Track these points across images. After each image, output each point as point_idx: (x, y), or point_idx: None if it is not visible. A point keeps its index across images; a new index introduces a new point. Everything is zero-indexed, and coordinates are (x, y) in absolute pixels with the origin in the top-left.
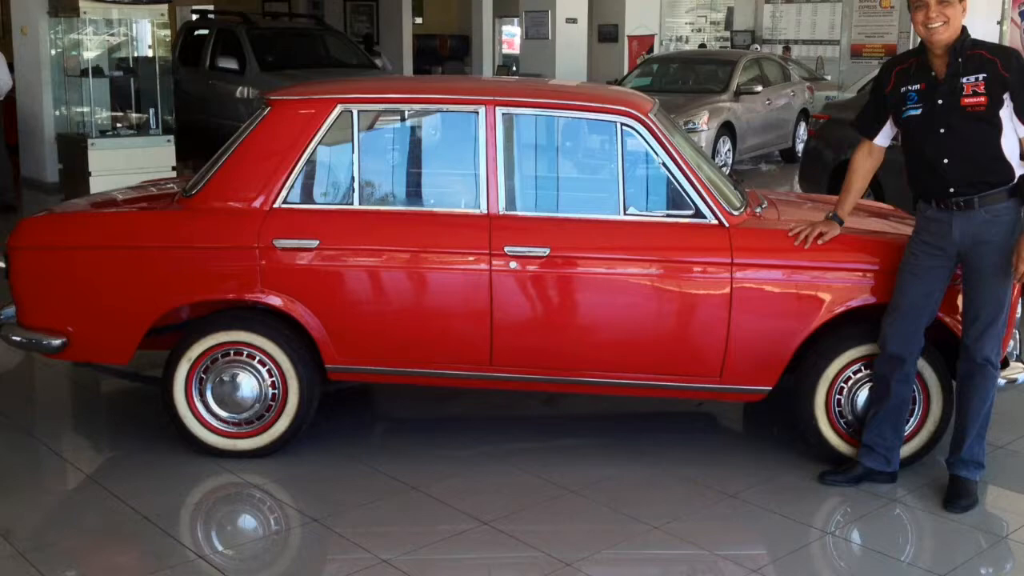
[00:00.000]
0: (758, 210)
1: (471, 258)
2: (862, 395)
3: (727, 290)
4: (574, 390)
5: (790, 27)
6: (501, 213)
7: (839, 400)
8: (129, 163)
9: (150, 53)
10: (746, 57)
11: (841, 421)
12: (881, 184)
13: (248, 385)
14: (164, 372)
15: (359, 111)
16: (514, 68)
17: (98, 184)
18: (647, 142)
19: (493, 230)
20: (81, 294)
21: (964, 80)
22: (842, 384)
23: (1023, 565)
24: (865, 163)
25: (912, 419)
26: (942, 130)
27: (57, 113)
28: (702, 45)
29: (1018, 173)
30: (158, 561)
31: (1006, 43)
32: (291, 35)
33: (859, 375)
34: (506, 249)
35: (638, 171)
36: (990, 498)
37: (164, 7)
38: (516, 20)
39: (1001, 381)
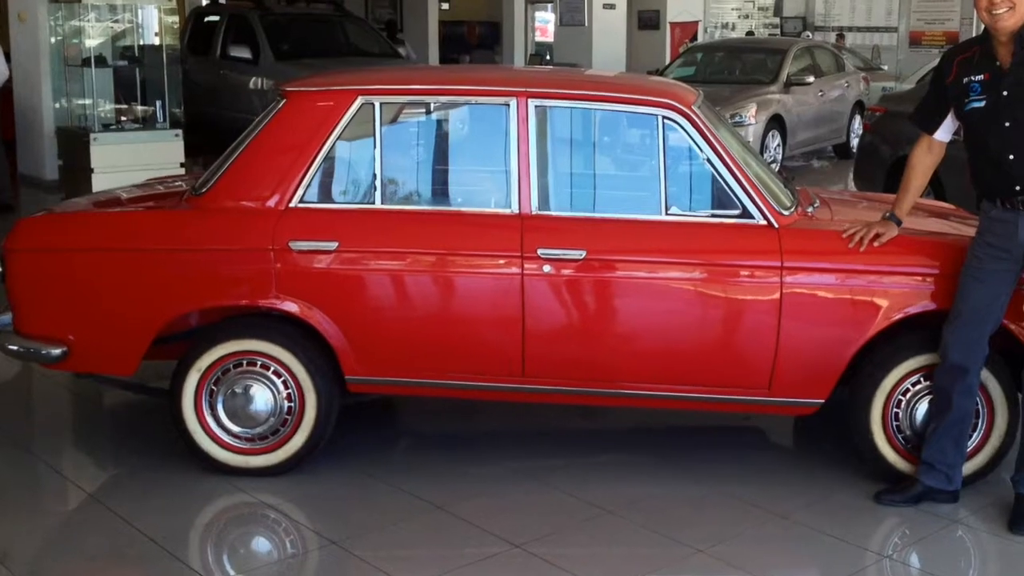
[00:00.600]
0: (810, 210)
1: (501, 261)
2: (921, 408)
3: (776, 295)
4: (612, 403)
5: (844, 13)
6: (534, 213)
7: (897, 414)
8: (134, 159)
9: (157, 41)
10: (797, 45)
11: (899, 436)
12: (942, 182)
13: (262, 398)
14: (172, 384)
15: (381, 103)
16: (548, 57)
17: (101, 182)
18: (690, 136)
19: (525, 231)
20: (82, 300)
21: None
22: (900, 396)
23: None
24: (924, 159)
25: (975, 434)
26: (1007, 123)
27: (57, 106)
28: (749, 32)
29: None
30: None
31: None
32: (308, 22)
33: (918, 387)
34: (539, 251)
35: (681, 168)
36: None
37: None
38: (550, 6)
39: None
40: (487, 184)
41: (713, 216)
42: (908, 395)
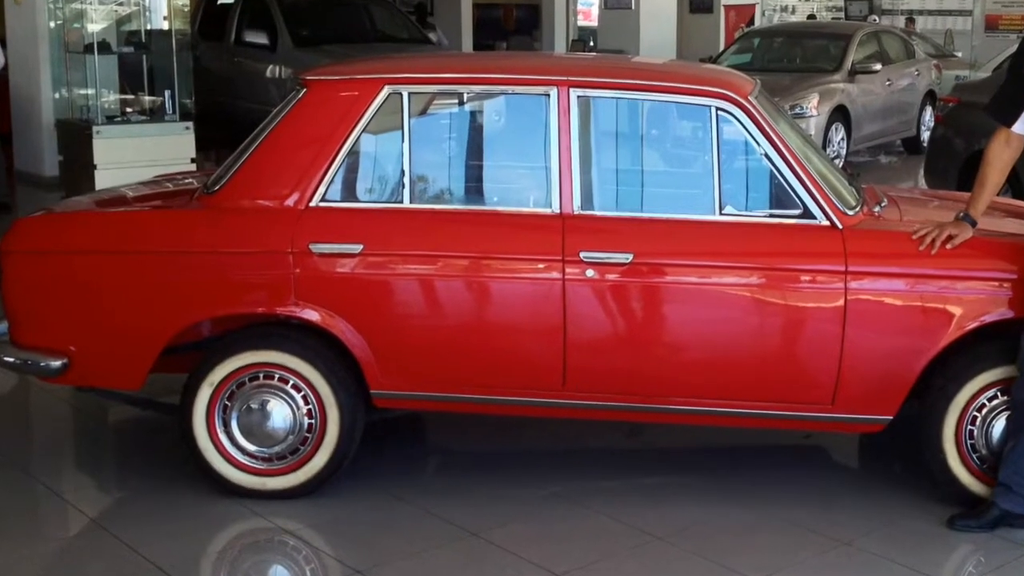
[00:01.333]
0: (876, 209)
1: (541, 265)
2: (998, 425)
3: (840, 302)
4: (660, 419)
5: None
6: (576, 213)
7: (971, 431)
8: (140, 154)
9: (165, 25)
10: (863, 30)
11: (974, 456)
12: (1020, 179)
13: (280, 414)
14: (182, 399)
15: (410, 93)
16: (591, 43)
17: (104, 179)
18: (747, 129)
19: (566, 232)
20: (85, 307)
21: None
22: (975, 412)
23: None
24: (1002, 155)
25: None
26: None
27: (56, 96)
28: (811, 16)
29: None
30: None
31: None
32: (330, 5)
33: (995, 402)
34: (582, 255)
35: (736, 163)
36: None
37: None
38: None
39: None
40: (525, 181)
41: (771, 216)
42: (984, 411)
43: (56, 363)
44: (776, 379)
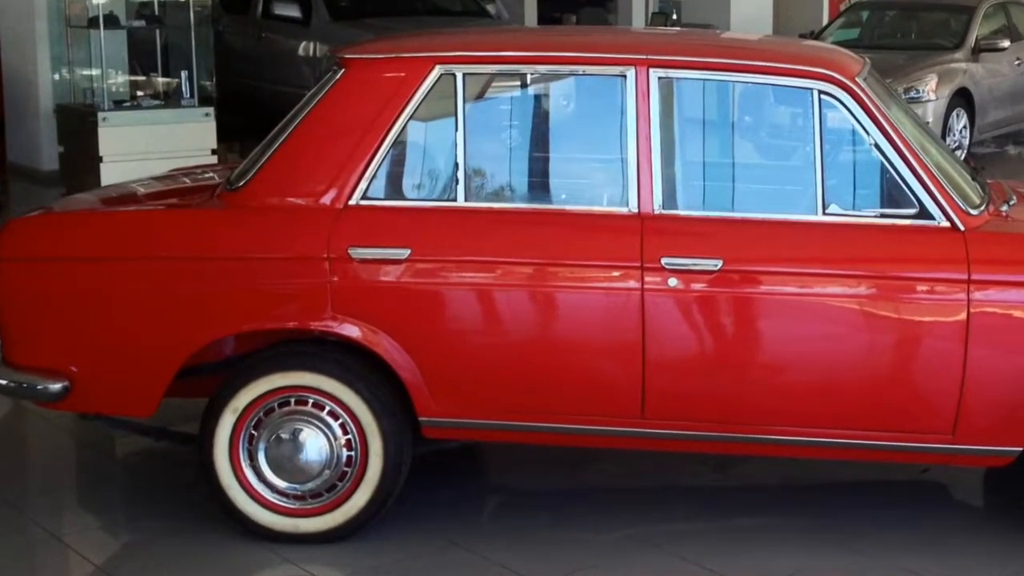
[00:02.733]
0: (1004, 208)
1: (616, 273)
2: None
3: (962, 316)
4: (753, 451)
5: None
6: (656, 213)
7: None
8: (153, 145)
9: None
10: (988, 2)
11: None
12: None
13: (314, 445)
14: (201, 427)
15: (465, 74)
16: (674, 16)
17: (111, 173)
18: (854, 116)
19: (646, 235)
20: (89, 322)
21: None
22: None
23: None
24: None
25: None
26: None
27: (56, 77)
28: None
29: None
30: None
31: None
32: None
33: None
34: (663, 261)
35: (842, 155)
36: None
37: None
38: None
39: None
40: (598, 176)
41: (883, 216)
42: None
43: (56, 386)
44: (888, 405)
